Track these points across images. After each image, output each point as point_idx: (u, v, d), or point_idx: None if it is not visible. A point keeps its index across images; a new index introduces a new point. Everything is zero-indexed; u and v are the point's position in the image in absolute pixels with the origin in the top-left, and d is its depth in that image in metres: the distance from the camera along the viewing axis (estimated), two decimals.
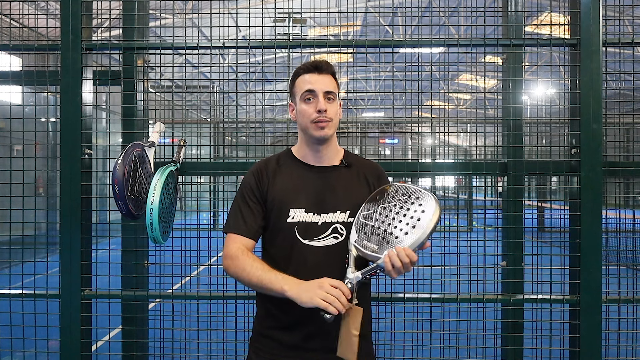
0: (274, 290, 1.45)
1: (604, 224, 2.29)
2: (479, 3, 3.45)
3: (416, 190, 1.51)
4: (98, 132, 2.65)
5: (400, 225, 1.45)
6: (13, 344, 2.36)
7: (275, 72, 3.15)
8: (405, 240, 1.42)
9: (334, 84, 1.63)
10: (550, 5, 2.54)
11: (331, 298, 1.35)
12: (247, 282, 1.52)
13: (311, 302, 1.37)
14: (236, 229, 1.61)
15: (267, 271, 1.48)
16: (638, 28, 11.46)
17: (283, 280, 1.44)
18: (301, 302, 1.39)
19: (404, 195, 1.52)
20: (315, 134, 1.60)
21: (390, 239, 1.43)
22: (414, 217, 1.44)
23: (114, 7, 2.47)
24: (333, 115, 1.60)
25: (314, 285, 1.40)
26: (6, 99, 2.72)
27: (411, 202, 1.48)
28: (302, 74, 1.63)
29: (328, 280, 1.40)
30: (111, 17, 2.79)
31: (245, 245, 1.59)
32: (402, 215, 1.47)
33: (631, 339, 2.45)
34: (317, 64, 1.62)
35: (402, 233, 1.43)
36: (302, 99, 1.61)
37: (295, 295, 1.40)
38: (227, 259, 1.57)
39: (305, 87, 1.60)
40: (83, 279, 2.27)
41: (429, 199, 1.47)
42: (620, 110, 3.29)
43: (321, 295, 1.36)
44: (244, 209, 1.63)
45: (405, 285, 2.43)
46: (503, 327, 2.39)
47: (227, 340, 2.40)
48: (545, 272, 2.36)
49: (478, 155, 11.73)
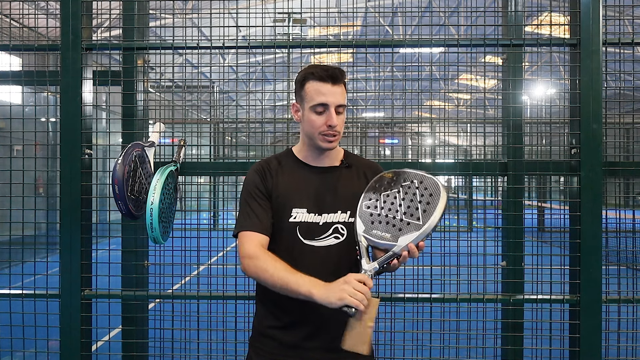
0: (301, 294, 1.40)
1: (604, 224, 2.29)
2: (479, 3, 3.46)
3: (417, 174, 1.48)
4: (98, 132, 2.65)
5: (410, 210, 1.42)
6: (13, 344, 2.36)
7: (275, 72, 3.15)
8: (419, 225, 1.39)
9: (344, 95, 1.59)
10: (550, 5, 2.54)
11: (360, 295, 1.33)
12: (270, 283, 1.47)
13: (341, 302, 1.33)
14: (251, 227, 1.57)
15: (292, 273, 1.44)
16: (638, 28, 11.46)
17: (310, 283, 1.40)
18: (329, 304, 1.35)
19: (405, 180, 1.49)
20: (323, 145, 1.59)
21: (401, 225, 1.41)
22: (422, 202, 1.42)
23: (114, 7, 2.47)
24: (341, 129, 1.59)
25: (339, 283, 1.36)
26: (6, 99, 2.72)
27: (415, 187, 1.46)
28: (315, 81, 1.57)
29: (353, 275, 1.37)
30: (111, 17, 2.79)
31: (261, 242, 1.55)
32: (409, 200, 1.44)
33: (631, 339, 2.45)
34: (332, 74, 1.55)
35: (414, 218, 1.41)
36: (313, 109, 1.57)
37: (324, 298, 1.36)
38: (246, 258, 1.52)
39: (319, 99, 1.55)
40: (83, 279, 2.27)
41: (432, 181, 1.45)
42: (620, 110, 3.29)
43: (350, 292, 1.33)
44: (254, 206, 1.60)
45: (405, 285, 2.43)
46: (503, 327, 2.39)
47: (227, 340, 2.40)
48: (545, 272, 2.36)
49: (478, 155, 11.72)
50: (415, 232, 1.39)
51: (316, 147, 1.62)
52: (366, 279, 1.37)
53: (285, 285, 1.43)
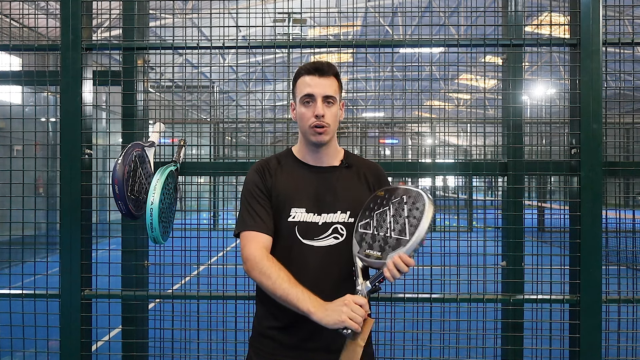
0: (299, 309, 1.42)
1: (604, 224, 2.29)
2: (479, 3, 3.46)
3: (407, 190, 1.50)
4: (98, 132, 2.65)
5: (398, 227, 1.45)
6: (13, 344, 2.36)
7: (275, 72, 3.15)
8: (404, 241, 1.41)
9: (334, 87, 1.61)
10: (550, 5, 2.54)
11: (358, 318, 1.35)
12: (270, 291, 1.47)
13: (340, 324, 1.35)
14: (252, 227, 1.57)
15: (294, 286, 1.44)
16: (638, 28, 11.46)
17: (309, 301, 1.41)
18: (326, 324, 1.37)
19: (395, 197, 1.51)
20: (313, 139, 1.60)
21: (390, 242, 1.43)
22: (409, 217, 1.44)
23: (114, 7, 2.47)
24: (331, 120, 1.59)
25: (338, 305, 1.38)
26: (6, 99, 2.72)
27: (404, 202, 1.48)
28: (304, 75, 1.61)
29: (351, 297, 1.39)
30: (111, 17, 2.79)
31: (264, 244, 1.56)
32: (398, 216, 1.46)
33: (631, 339, 2.45)
34: (318, 66, 1.59)
35: (403, 234, 1.43)
36: (301, 102, 1.60)
37: (322, 318, 1.38)
38: (250, 261, 1.51)
39: (305, 90, 1.59)
40: (83, 279, 2.27)
41: (420, 196, 1.46)
42: (620, 110, 3.29)
43: (349, 314, 1.35)
44: (256, 206, 1.60)
45: (405, 285, 2.43)
46: (503, 327, 2.39)
47: (227, 340, 2.40)
48: (545, 272, 2.36)
49: (478, 155, 11.73)
50: (403, 248, 1.40)
51: (309, 142, 1.62)
52: (365, 303, 1.38)
53: (285, 296, 1.44)
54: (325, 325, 1.37)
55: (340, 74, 1.69)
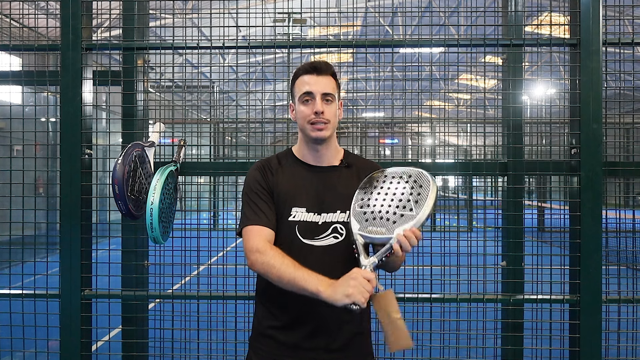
0: (308, 291, 1.40)
1: (604, 224, 2.29)
2: (479, 3, 3.46)
3: (404, 169, 1.53)
4: (98, 132, 2.65)
5: (402, 203, 1.45)
6: (13, 344, 2.36)
7: (275, 72, 3.15)
8: (412, 215, 1.42)
9: (332, 85, 1.63)
10: (550, 5, 2.54)
11: (366, 293, 1.33)
12: (276, 279, 1.46)
13: (349, 299, 1.32)
14: (256, 221, 1.57)
15: (299, 269, 1.43)
16: (638, 28, 11.46)
17: (317, 281, 1.39)
18: (335, 301, 1.35)
19: (394, 177, 1.53)
20: (312, 135, 1.61)
21: (395, 218, 1.44)
22: (413, 194, 1.46)
23: (114, 7, 2.47)
24: (330, 117, 1.60)
25: (346, 280, 1.36)
26: (6, 99, 2.72)
27: (405, 181, 1.50)
28: (301, 75, 1.63)
29: (359, 271, 1.37)
30: (111, 17, 2.79)
31: (267, 237, 1.55)
32: (400, 194, 1.48)
33: (631, 339, 2.45)
34: (315, 65, 1.62)
35: (407, 210, 1.44)
36: (300, 100, 1.62)
37: (330, 295, 1.36)
38: (254, 253, 1.51)
39: (304, 88, 1.60)
40: (83, 279, 2.27)
41: (421, 174, 1.50)
42: (620, 110, 3.29)
43: (357, 288, 1.33)
44: (258, 202, 1.60)
45: (405, 285, 2.43)
46: (503, 327, 2.39)
47: (227, 340, 2.40)
48: (545, 272, 2.36)
49: (478, 155, 11.72)
50: (410, 222, 1.41)
51: (309, 139, 1.63)
52: (372, 275, 1.37)
53: (292, 281, 1.42)
54: (334, 302, 1.35)
55: (341, 74, 1.70)
